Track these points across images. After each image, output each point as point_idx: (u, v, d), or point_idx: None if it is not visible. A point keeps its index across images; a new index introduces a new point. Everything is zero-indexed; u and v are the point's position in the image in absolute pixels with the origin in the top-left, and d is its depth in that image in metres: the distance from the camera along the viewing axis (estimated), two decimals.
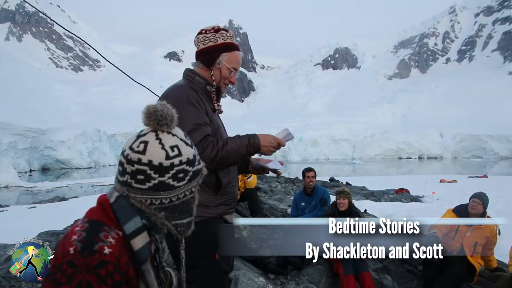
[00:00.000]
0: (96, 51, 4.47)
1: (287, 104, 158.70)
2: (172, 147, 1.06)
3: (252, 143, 1.93)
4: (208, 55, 2.03)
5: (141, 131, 1.09)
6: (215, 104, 2.07)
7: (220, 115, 2.16)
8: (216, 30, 2.05)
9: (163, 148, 1.04)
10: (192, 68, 2.11)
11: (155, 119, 1.06)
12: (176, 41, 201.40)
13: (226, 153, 1.87)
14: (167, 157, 1.04)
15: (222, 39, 2.04)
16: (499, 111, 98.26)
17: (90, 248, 0.93)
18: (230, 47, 2.05)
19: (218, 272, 1.90)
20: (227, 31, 2.08)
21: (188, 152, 1.09)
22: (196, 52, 2.07)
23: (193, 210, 1.13)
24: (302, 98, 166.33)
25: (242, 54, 2.13)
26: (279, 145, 1.99)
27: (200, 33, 2.06)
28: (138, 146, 1.04)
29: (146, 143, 1.04)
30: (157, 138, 1.06)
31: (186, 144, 1.10)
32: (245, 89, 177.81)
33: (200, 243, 1.83)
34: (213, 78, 2.04)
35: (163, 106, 1.07)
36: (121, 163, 1.06)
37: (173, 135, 1.08)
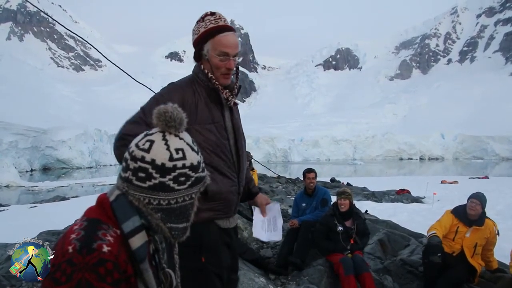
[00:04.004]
0: (98, 50, 4.47)
1: (288, 105, 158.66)
2: (177, 150, 1.05)
3: None
4: (196, 50, 1.83)
5: (150, 130, 1.10)
6: (224, 94, 1.86)
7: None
8: (202, 18, 1.81)
9: (168, 149, 1.04)
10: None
11: (164, 120, 1.06)
12: (177, 41, 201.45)
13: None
14: (171, 158, 1.04)
15: (204, 27, 1.78)
16: (500, 112, 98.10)
17: (89, 246, 0.93)
18: (213, 32, 1.76)
19: (205, 275, 1.81)
20: (213, 14, 1.81)
21: (193, 157, 1.08)
22: None
23: (190, 216, 1.12)
24: (303, 99, 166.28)
25: (234, 33, 1.82)
26: None
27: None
28: (143, 144, 1.05)
29: (152, 142, 1.05)
30: (164, 138, 1.06)
31: (192, 149, 1.09)
32: (246, 90, 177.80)
33: (185, 246, 1.74)
34: (207, 73, 1.82)
35: (174, 109, 1.07)
36: (125, 159, 1.07)
37: (180, 138, 1.08)
